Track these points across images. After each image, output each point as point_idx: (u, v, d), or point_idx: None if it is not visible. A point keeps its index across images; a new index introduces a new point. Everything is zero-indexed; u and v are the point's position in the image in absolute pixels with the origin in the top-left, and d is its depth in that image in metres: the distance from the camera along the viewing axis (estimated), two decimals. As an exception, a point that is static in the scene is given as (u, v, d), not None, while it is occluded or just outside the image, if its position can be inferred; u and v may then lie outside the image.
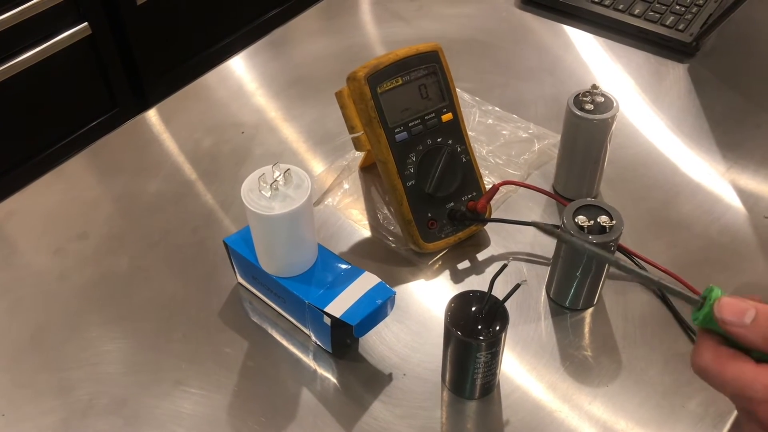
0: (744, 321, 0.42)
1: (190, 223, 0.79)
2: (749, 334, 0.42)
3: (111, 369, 0.66)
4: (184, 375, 0.66)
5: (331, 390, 0.65)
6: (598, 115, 0.72)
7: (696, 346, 0.44)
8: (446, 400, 0.64)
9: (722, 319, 0.42)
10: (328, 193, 0.81)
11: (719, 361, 0.42)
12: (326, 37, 1.05)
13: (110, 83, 1.77)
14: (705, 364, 0.43)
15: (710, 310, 0.42)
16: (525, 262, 0.74)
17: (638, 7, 1.03)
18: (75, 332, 0.69)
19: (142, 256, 0.76)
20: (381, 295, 0.63)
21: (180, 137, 0.89)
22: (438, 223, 0.73)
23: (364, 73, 0.69)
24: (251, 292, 0.71)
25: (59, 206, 0.81)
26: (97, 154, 0.88)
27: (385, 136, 0.70)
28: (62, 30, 1.61)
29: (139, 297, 0.72)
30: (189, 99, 0.95)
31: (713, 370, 0.42)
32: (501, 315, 0.58)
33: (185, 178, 0.84)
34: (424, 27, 1.06)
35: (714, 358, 0.42)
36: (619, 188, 0.81)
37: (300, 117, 0.92)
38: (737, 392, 0.42)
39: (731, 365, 0.42)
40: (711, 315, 0.42)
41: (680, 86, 0.95)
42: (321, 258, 0.67)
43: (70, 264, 0.75)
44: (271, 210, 0.60)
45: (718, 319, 0.43)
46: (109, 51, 1.73)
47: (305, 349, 0.67)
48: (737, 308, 0.42)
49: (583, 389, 0.64)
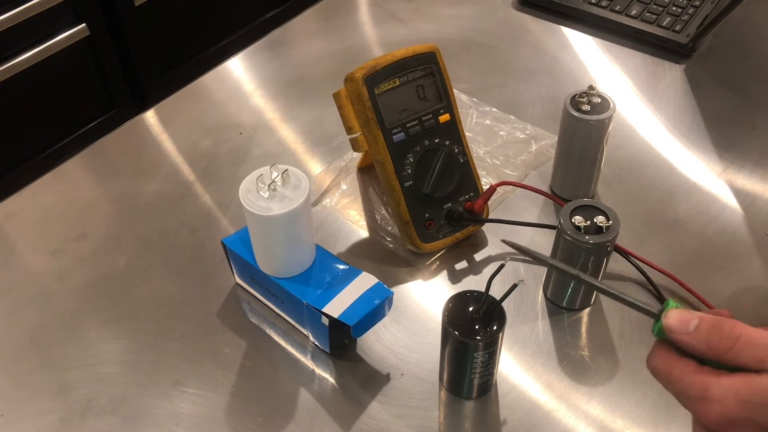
0: (688, 329, 0.45)
1: (188, 223, 0.79)
2: (692, 341, 0.45)
3: (109, 369, 0.67)
4: (182, 375, 0.66)
5: (329, 390, 0.65)
6: (595, 115, 0.72)
7: (652, 349, 0.48)
8: (444, 399, 0.64)
9: (669, 329, 0.46)
10: (326, 193, 0.81)
11: (667, 362, 0.46)
12: (324, 38, 1.05)
13: (108, 84, 1.77)
14: (655, 364, 0.47)
15: None
16: (522, 263, 0.74)
17: (635, 8, 1.03)
18: (74, 332, 0.69)
19: (141, 256, 0.76)
20: (379, 296, 0.63)
21: (178, 138, 0.89)
22: (435, 223, 0.73)
23: (362, 74, 0.69)
24: (249, 293, 0.71)
25: (57, 207, 0.82)
26: (96, 155, 0.89)
27: (383, 137, 0.71)
28: (60, 31, 1.61)
29: (138, 297, 0.72)
30: (187, 100, 0.95)
31: (662, 370, 0.47)
32: (498, 315, 0.59)
33: (183, 179, 0.84)
34: (421, 28, 1.06)
35: (663, 359, 0.47)
36: (615, 188, 0.81)
37: (298, 118, 0.92)
38: (678, 391, 0.46)
39: (677, 366, 0.46)
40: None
41: (677, 87, 0.95)
42: (319, 258, 0.67)
43: (69, 264, 0.75)
44: (269, 210, 0.60)
45: (666, 329, 0.46)
46: (107, 52, 1.73)
47: (303, 349, 0.68)
48: (682, 318, 0.46)
49: (580, 389, 0.64)
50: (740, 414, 0.44)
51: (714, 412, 0.44)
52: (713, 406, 0.44)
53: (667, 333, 0.47)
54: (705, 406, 0.45)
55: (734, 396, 0.44)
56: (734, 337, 0.44)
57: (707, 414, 0.45)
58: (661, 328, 0.46)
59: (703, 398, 0.45)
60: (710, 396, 0.44)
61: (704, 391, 0.45)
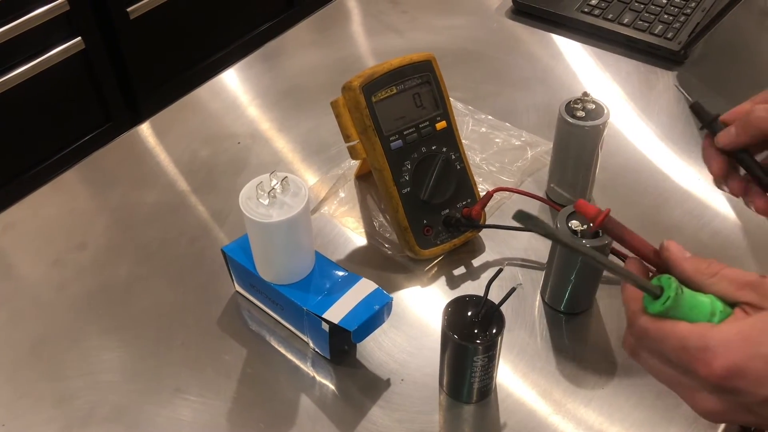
0: (684, 254, 0.50)
1: (187, 233, 0.80)
2: (684, 263, 0.49)
3: (111, 377, 0.67)
4: (183, 383, 0.66)
5: (329, 396, 0.65)
6: (590, 121, 0.73)
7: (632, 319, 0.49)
8: (444, 404, 0.65)
9: (667, 248, 0.50)
10: (324, 201, 0.82)
11: (659, 321, 0.47)
12: (319, 49, 1.06)
13: (104, 97, 1.78)
14: (646, 325, 0.47)
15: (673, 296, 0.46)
16: (520, 267, 0.75)
17: (627, 16, 1.05)
18: (74, 342, 0.70)
19: (141, 266, 0.76)
20: (378, 301, 0.64)
21: (176, 149, 0.90)
22: (433, 229, 0.74)
23: (359, 83, 0.70)
24: (249, 301, 0.72)
25: (57, 218, 0.82)
26: (94, 166, 0.89)
27: (381, 145, 0.71)
28: (56, 45, 1.62)
29: (138, 306, 0.73)
30: (183, 111, 0.96)
31: (653, 328, 0.47)
32: (497, 319, 0.59)
33: (182, 189, 0.85)
34: (416, 38, 1.07)
35: (653, 319, 0.47)
36: (610, 194, 0.82)
37: (295, 127, 0.93)
38: (674, 346, 0.46)
39: (668, 322, 0.47)
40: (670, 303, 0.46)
41: (669, 94, 0.96)
42: (318, 265, 0.68)
43: (69, 275, 0.76)
44: (269, 217, 0.61)
45: (665, 248, 0.50)
46: (102, 65, 1.74)
47: (303, 356, 0.68)
48: (681, 248, 0.51)
49: (579, 392, 0.65)
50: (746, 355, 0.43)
51: (718, 362, 0.43)
52: (716, 353, 0.43)
53: (662, 251, 0.51)
54: (706, 355, 0.44)
55: (737, 336, 0.44)
56: (720, 268, 0.48)
57: (711, 364, 0.44)
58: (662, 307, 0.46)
59: (705, 347, 0.44)
60: (712, 343, 0.44)
61: (704, 339, 0.44)
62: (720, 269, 0.48)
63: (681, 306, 0.47)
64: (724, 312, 0.47)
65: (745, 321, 0.45)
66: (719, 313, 0.47)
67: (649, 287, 0.48)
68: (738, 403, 0.45)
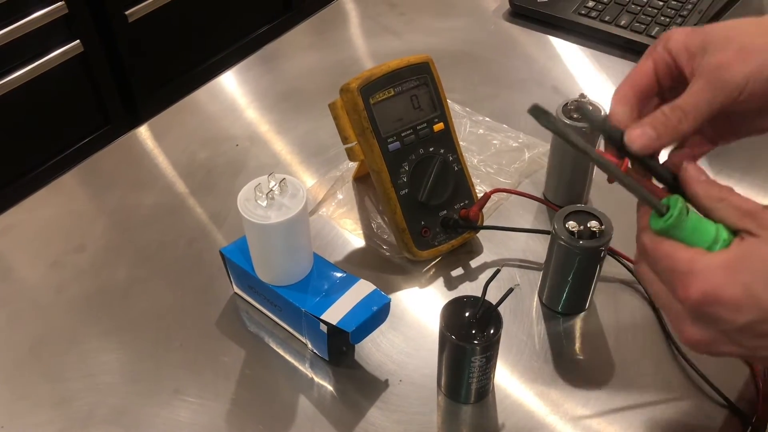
0: (701, 177, 0.48)
1: (185, 235, 0.80)
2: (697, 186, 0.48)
3: (110, 379, 0.67)
4: (182, 384, 0.66)
5: (328, 397, 0.66)
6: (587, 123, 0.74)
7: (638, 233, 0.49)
8: (442, 404, 0.65)
9: (685, 168, 0.49)
10: (322, 203, 0.82)
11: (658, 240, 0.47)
12: (317, 52, 1.07)
13: (102, 100, 1.78)
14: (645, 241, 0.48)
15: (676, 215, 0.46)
16: (517, 268, 0.75)
17: (624, 18, 1.05)
18: (73, 344, 0.70)
19: (139, 268, 0.77)
20: (376, 302, 0.64)
21: (174, 151, 0.90)
22: (431, 231, 0.74)
23: (357, 85, 0.71)
24: (248, 302, 0.72)
25: (55, 220, 0.82)
26: (92, 169, 0.89)
27: (378, 146, 0.72)
28: (55, 48, 1.62)
29: (137, 308, 0.73)
30: (181, 114, 0.96)
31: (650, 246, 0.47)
32: (495, 319, 0.59)
33: (180, 191, 0.85)
34: (413, 40, 1.08)
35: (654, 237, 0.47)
36: (607, 195, 0.82)
37: (293, 130, 0.93)
38: (664, 267, 0.46)
39: (666, 243, 0.47)
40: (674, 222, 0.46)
41: (666, 95, 0.96)
42: (316, 266, 0.68)
43: (68, 276, 0.76)
44: (267, 219, 0.61)
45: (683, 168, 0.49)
46: (101, 68, 1.74)
47: (302, 357, 0.68)
48: (700, 169, 0.49)
49: (576, 393, 0.65)
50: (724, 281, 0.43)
51: (695, 286, 0.44)
52: (696, 278, 0.44)
53: (681, 172, 0.49)
54: (687, 279, 0.44)
55: (721, 263, 0.44)
56: (729, 194, 0.47)
57: (689, 288, 0.44)
58: (664, 225, 0.46)
59: (689, 271, 0.45)
60: (696, 268, 0.44)
61: (690, 264, 0.45)
62: (728, 195, 0.47)
63: (683, 227, 0.47)
64: (728, 240, 0.46)
65: (732, 249, 0.45)
66: (722, 241, 0.46)
67: (655, 203, 0.48)
68: (718, 332, 0.45)
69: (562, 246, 0.65)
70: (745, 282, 0.43)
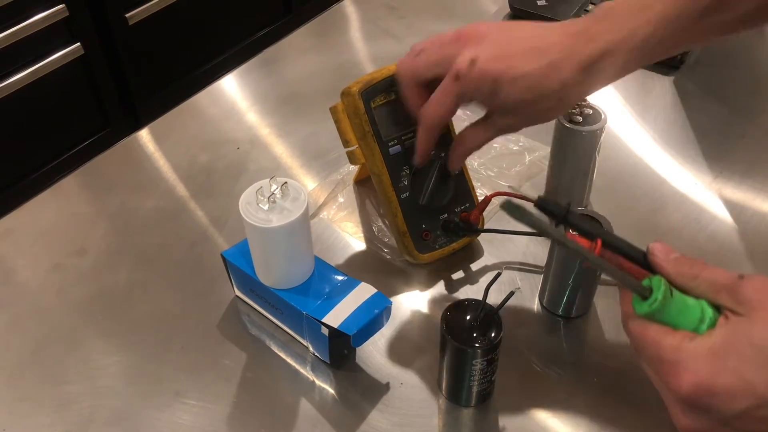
0: (669, 257, 0.50)
1: (187, 238, 0.80)
2: (668, 266, 0.49)
3: (111, 382, 0.67)
4: (183, 387, 0.66)
5: (329, 400, 0.66)
6: (587, 126, 0.74)
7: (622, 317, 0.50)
8: (443, 407, 0.65)
9: (652, 252, 0.50)
10: (323, 206, 0.82)
11: (644, 325, 0.47)
12: (318, 55, 1.07)
13: (102, 102, 1.79)
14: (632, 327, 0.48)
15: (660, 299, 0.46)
16: (518, 272, 0.76)
17: (623, 22, 1.05)
18: (74, 346, 0.70)
19: (140, 271, 0.77)
20: (378, 305, 0.64)
21: (174, 154, 0.90)
22: (432, 234, 0.74)
23: (358, 88, 0.71)
24: (249, 305, 0.72)
25: (56, 223, 0.82)
26: (93, 172, 0.89)
27: (380, 150, 0.72)
28: (55, 50, 1.63)
29: (138, 311, 0.73)
30: (182, 117, 0.96)
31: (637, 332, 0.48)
32: (496, 323, 0.60)
33: (181, 194, 0.85)
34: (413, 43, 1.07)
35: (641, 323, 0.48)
36: (608, 198, 0.83)
37: (294, 133, 0.93)
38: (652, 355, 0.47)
39: (652, 328, 0.47)
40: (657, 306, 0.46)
41: (666, 99, 0.97)
42: (318, 270, 0.68)
43: (69, 279, 0.76)
44: (269, 222, 0.61)
45: (650, 251, 0.51)
46: (101, 71, 1.75)
47: (303, 360, 0.68)
48: (666, 248, 0.51)
49: (577, 396, 0.65)
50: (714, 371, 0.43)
51: (686, 378, 0.44)
52: (685, 369, 0.44)
53: (649, 255, 0.51)
54: (677, 370, 0.44)
55: (707, 351, 0.44)
56: (701, 269, 0.48)
57: (680, 380, 0.44)
58: (649, 310, 0.46)
59: (677, 361, 0.44)
60: (683, 358, 0.44)
61: (677, 353, 0.45)
62: (700, 271, 0.48)
63: (668, 310, 0.46)
64: (713, 318, 0.46)
65: (717, 333, 0.45)
66: (708, 320, 0.46)
67: (637, 287, 0.48)
68: (715, 420, 0.44)
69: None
70: (736, 368, 0.43)
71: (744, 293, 0.45)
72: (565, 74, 0.58)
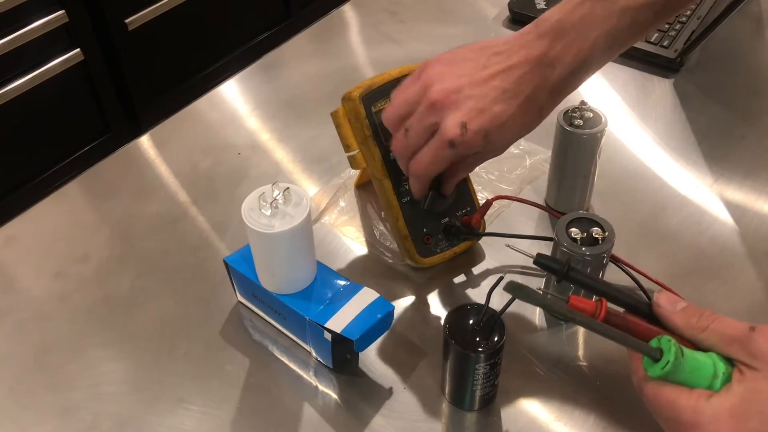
0: (674, 307, 0.50)
1: (189, 243, 0.80)
2: (675, 317, 0.49)
3: (114, 389, 0.67)
4: (186, 393, 0.66)
5: (332, 405, 0.66)
6: (588, 129, 0.74)
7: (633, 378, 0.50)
8: (446, 412, 0.65)
9: (657, 303, 0.50)
10: (324, 211, 0.83)
11: (658, 387, 0.47)
12: (318, 60, 1.07)
13: (103, 108, 1.79)
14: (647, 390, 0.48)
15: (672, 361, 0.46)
16: (520, 275, 0.76)
17: (623, 24, 1.05)
18: (77, 353, 0.70)
19: (143, 277, 0.77)
20: (380, 310, 0.64)
21: (176, 160, 0.90)
22: (434, 238, 0.75)
23: (359, 93, 0.71)
24: (251, 311, 0.72)
25: (59, 230, 0.82)
26: (95, 178, 0.89)
27: (381, 154, 0.72)
28: (55, 56, 1.63)
29: (141, 317, 0.73)
30: (183, 123, 0.96)
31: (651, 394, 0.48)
32: (498, 327, 0.60)
33: (183, 200, 0.85)
34: (414, 48, 1.08)
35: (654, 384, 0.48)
36: (609, 201, 0.83)
37: (295, 138, 0.93)
38: (669, 417, 0.46)
39: (666, 389, 0.47)
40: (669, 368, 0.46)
41: (666, 101, 0.97)
42: (320, 275, 0.68)
43: (72, 286, 0.76)
44: (272, 228, 0.61)
45: (655, 303, 0.51)
46: (101, 76, 1.75)
47: (306, 365, 0.68)
48: (672, 298, 0.51)
49: (580, 400, 0.65)
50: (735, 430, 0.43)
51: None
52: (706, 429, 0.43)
53: (654, 307, 0.51)
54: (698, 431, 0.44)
55: (727, 413, 0.43)
56: (710, 321, 0.48)
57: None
58: (662, 373, 0.46)
59: (696, 424, 0.44)
60: (702, 420, 0.44)
61: (696, 415, 0.44)
62: (710, 323, 0.48)
63: (681, 370, 0.46)
64: (726, 372, 0.46)
65: (736, 392, 0.45)
66: (722, 375, 0.46)
67: (647, 350, 0.48)
68: None
69: (564, 253, 0.65)
70: (757, 429, 0.43)
71: (757, 346, 0.45)
72: (541, 102, 0.61)
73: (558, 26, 0.59)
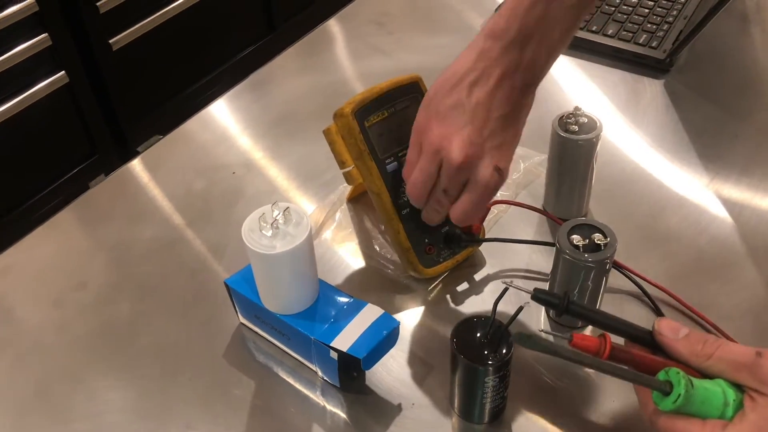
0: (677, 335, 0.50)
1: (187, 266, 0.79)
2: (679, 345, 0.49)
3: (117, 418, 0.66)
4: (192, 419, 0.65)
5: (341, 425, 0.65)
6: (583, 135, 0.74)
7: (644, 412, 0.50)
8: (456, 426, 0.64)
9: (659, 331, 0.51)
10: (322, 228, 0.82)
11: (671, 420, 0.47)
12: (307, 75, 1.07)
13: (89, 129, 1.78)
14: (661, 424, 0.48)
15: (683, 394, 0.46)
16: (522, 280, 0.75)
17: (611, 27, 1.06)
18: (79, 383, 0.69)
19: (142, 302, 0.76)
20: (386, 327, 0.64)
21: (169, 183, 0.89)
22: (435, 247, 0.74)
23: (351, 109, 0.70)
24: (255, 332, 0.72)
25: (55, 258, 0.81)
26: (88, 204, 0.89)
27: (377, 168, 0.72)
28: (40, 79, 1.62)
29: (142, 343, 0.72)
30: (174, 145, 0.95)
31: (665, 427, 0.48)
32: (506, 339, 0.59)
33: (178, 223, 0.84)
34: (403, 59, 1.08)
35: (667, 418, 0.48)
36: (607, 205, 0.83)
37: (288, 155, 0.93)
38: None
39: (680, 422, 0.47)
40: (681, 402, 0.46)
41: (658, 102, 0.97)
42: (323, 293, 0.67)
43: (70, 315, 0.75)
44: (273, 249, 0.61)
45: (656, 331, 0.51)
46: (87, 98, 1.74)
47: (312, 385, 0.68)
48: (673, 326, 0.51)
49: (590, 408, 0.65)
50: None
51: None
52: None
53: (656, 335, 0.51)
54: None
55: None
56: (714, 348, 0.48)
57: None
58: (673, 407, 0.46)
59: None
60: None
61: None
62: (714, 350, 0.48)
63: (692, 402, 0.46)
64: (736, 399, 0.46)
65: (751, 420, 0.45)
66: (732, 402, 0.46)
67: (658, 386, 0.48)
68: None
69: (567, 260, 0.65)
70: None
71: (766, 372, 0.45)
72: (530, 102, 0.64)
73: (520, 35, 0.60)
